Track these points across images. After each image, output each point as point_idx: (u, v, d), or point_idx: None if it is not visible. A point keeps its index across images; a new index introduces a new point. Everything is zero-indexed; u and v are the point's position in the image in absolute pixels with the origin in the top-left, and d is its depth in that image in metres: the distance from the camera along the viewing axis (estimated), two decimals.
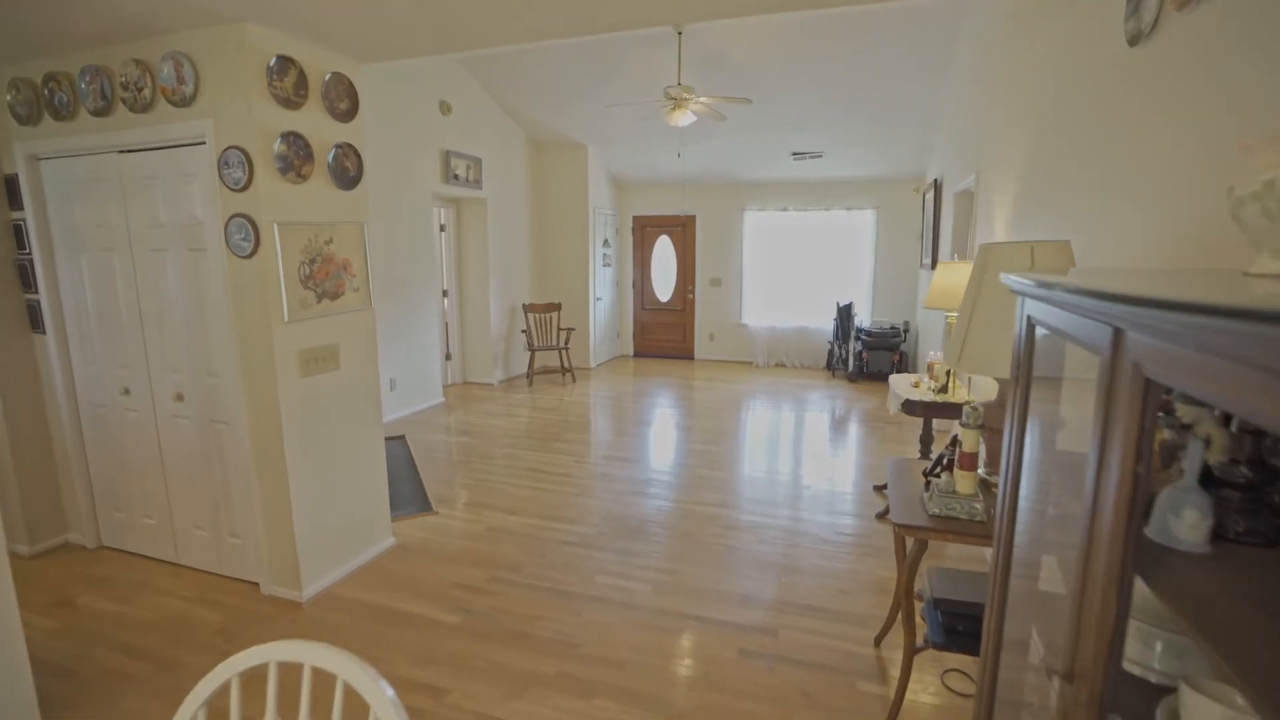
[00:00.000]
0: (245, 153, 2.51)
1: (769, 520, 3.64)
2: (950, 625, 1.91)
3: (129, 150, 2.83)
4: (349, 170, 2.93)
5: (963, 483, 1.84)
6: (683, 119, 5.12)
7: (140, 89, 2.67)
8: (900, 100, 6.00)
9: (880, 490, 4.09)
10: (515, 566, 3.10)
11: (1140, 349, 0.59)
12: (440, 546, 3.33)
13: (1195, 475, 0.71)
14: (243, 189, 2.56)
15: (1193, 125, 1.44)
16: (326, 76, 2.78)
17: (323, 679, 1.83)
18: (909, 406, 3.48)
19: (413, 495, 4.05)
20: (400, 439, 5.24)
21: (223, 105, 2.54)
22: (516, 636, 2.54)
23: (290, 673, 1.61)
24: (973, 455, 1.82)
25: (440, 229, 6.94)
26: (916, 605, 2.13)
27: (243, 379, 2.74)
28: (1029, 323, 1.01)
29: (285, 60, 2.58)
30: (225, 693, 1.03)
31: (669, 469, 4.54)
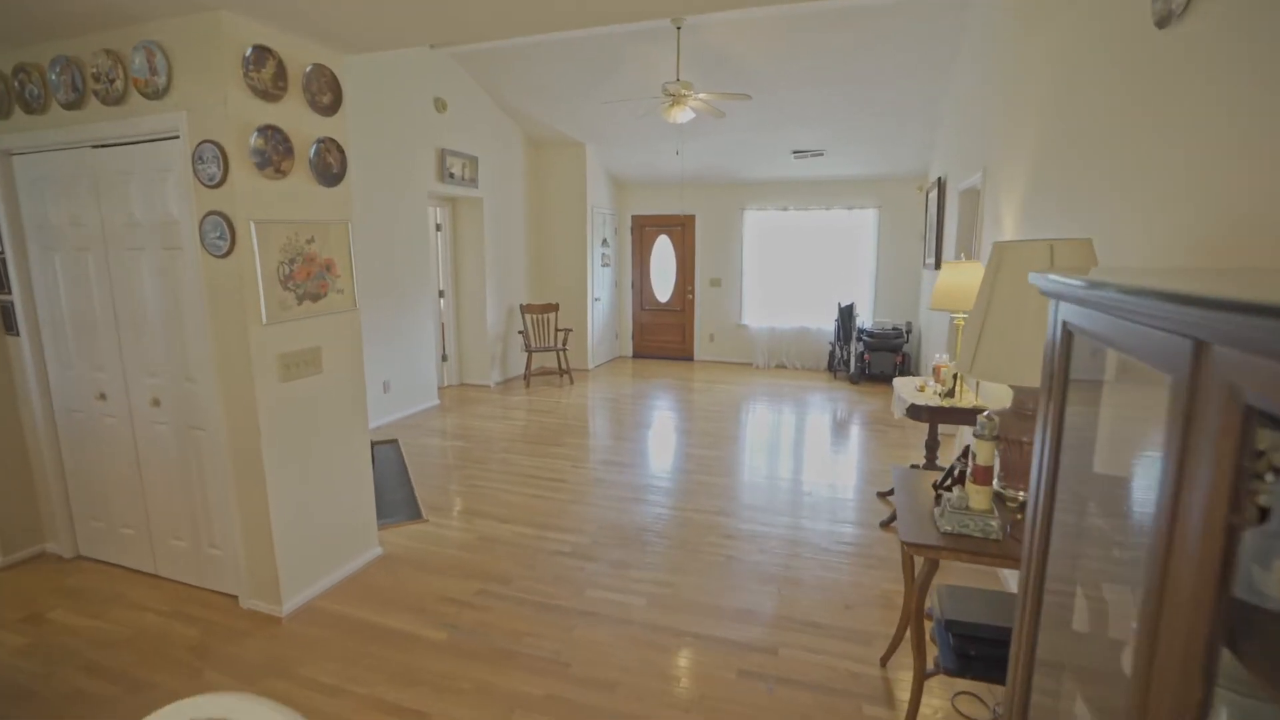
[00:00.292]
0: (220, 147, 2.39)
1: (769, 529, 3.51)
2: (963, 649, 1.79)
3: (102, 145, 2.71)
4: (332, 166, 2.81)
5: (977, 498, 1.72)
6: (681, 115, 5.01)
7: (112, 80, 2.55)
8: (903, 97, 5.88)
9: (884, 497, 3.97)
10: (505, 579, 2.98)
11: (1237, 368, 0.47)
12: (429, 557, 3.21)
13: None
14: (217, 185, 2.44)
15: (1227, 114, 1.32)
16: (307, 68, 2.66)
17: None
18: (914, 411, 3.36)
19: (403, 502, 3.93)
20: (393, 443, 5.12)
21: (197, 97, 2.42)
22: (504, 655, 2.42)
23: None
24: (988, 469, 1.70)
25: (436, 228, 6.82)
26: (926, 625, 2.01)
27: (219, 383, 2.62)
28: (1064, 330, 0.89)
29: (262, 50, 2.46)
30: None
31: (667, 474, 4.42)
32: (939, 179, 5.75)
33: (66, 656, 2.42)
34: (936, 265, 5.61)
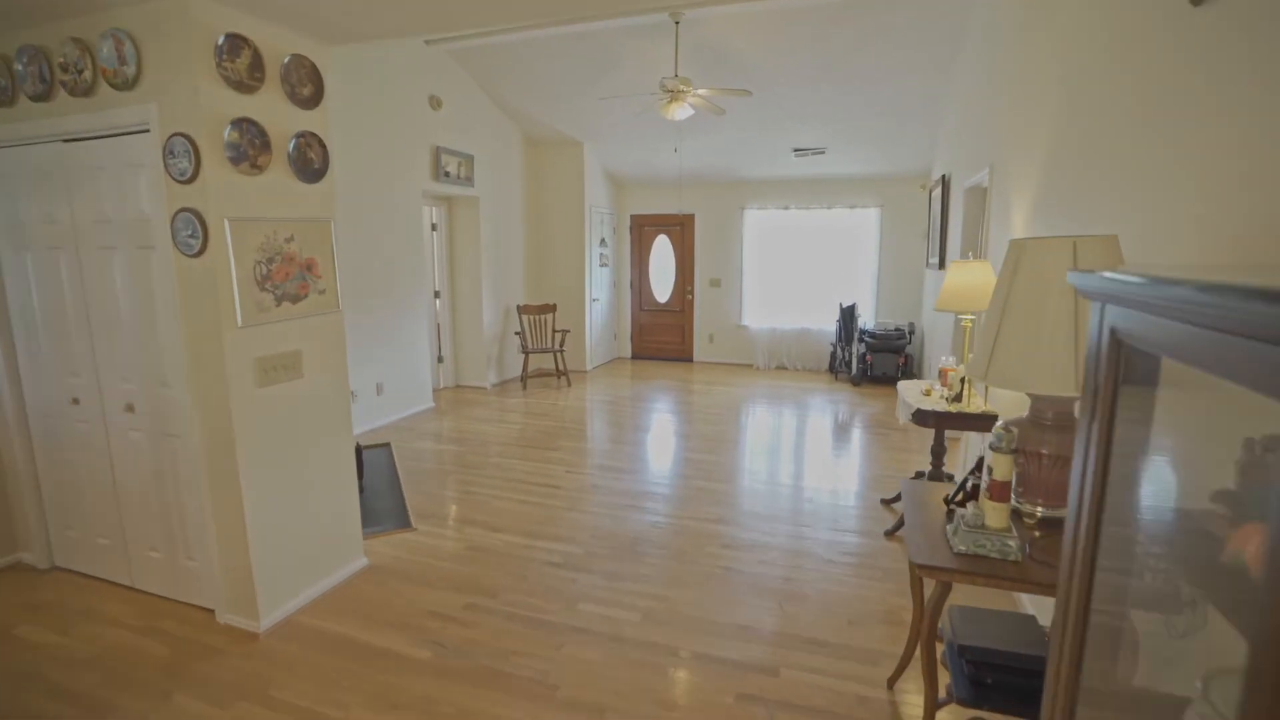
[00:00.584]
0: (191, 140, 2.27)
1: (769, 538, 3.39)
2: (978, 677, 1.67)
3: (73, 139, 2.59)
4: (312, 162, 2.69)
5: (993, 515, 1.60)
6: (680, 112, 4.89)
7: (80, 71, 2.43)
8: (905, 94, 5.75)
9: (888, 504, 3.85)
10: (494, 591, 2.86)
11: None
12: (416, 568, 3.09)
13: None
14: (189, 180, 2.32)
15: (1271, 99, 1.19)
16: (286, 59, 2.54)
17: None
18: (920, 417, 3.23)
19: (392, 510, 3.81)
20: (385, 446, 5.00)
21: (167, 88, 2.30)
22: (490, 675, 2.29)
23: None
24: (1006, 484, 1.57)
25: (431, 228, 6.70)
26: (937, 647, 1.88)
27: (193, 388, 2.50)
28: (1113, 337, 0.76)
29: (236, 39, 2.34)
30: None
31: (664, 480, 4.30)
32: (943, 177, 5.62)
33: (30, 678, 2.30)
34: (940, 265, 5.48)
